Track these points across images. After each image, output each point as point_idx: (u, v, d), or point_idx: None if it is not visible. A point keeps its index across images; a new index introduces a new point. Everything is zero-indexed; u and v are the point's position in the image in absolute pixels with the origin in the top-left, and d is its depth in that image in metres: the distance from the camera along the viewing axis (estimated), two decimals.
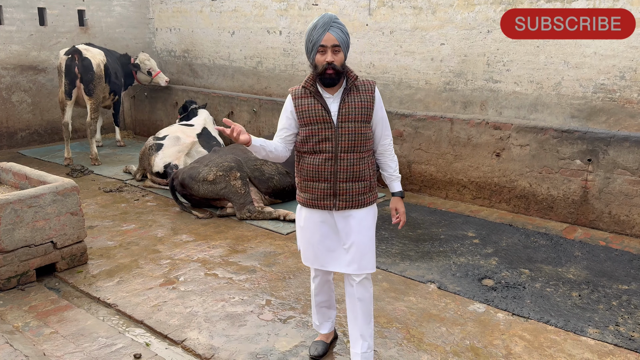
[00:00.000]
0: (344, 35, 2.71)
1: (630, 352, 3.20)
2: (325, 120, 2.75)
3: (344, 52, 2.72)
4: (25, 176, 4.49)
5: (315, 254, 2.92)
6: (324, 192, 2.80)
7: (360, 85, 2.80)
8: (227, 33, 8.46)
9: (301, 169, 2.87)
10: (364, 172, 2.81)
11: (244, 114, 7.97)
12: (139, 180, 6.69)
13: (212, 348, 3.22)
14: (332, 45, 2.66)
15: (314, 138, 2.77)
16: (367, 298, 2.94)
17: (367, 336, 2.97)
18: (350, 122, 2.75)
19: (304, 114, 2.78)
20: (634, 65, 4.94)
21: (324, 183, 2.79)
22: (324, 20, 2.67)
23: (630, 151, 4.88)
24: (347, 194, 2.79)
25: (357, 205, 2.82)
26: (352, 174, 2.78)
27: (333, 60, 2.66)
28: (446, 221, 5.36)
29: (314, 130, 2.76)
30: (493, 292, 3.91)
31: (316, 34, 2.67)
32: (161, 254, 4.57)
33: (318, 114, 2.75)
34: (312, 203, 2.85)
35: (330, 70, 2.68)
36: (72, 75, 7.18)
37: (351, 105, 2.75)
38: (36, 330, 3.38)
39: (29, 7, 8.16)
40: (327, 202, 2.81)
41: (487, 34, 5.73)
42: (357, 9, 6.74)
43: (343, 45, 2.70)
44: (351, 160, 2.77)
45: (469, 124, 5.80)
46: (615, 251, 4.65)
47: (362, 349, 2.96)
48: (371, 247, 2.89)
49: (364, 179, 2.81)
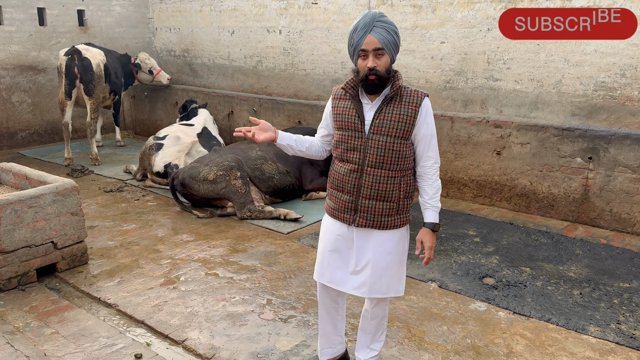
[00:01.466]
0: (389, 36, 2.42)
1: (631, 350, 3.19)
2: (356, 128, 2.53)
3: (389, 54, 2.45)
4: (25, 176, 4.48)
5: (323, 267, 2.72)
6: (345, 204, 2.59)
7: (405, 95, 2.50)
8: (227, 32, 8.45)
9: (331, 174, 2.70)
10: (391, 192, 2.53)
11: (244, 113, 7.96)
12: (139, 180, 6.69)
13: (213, 348, 3.21)
14: (373, 48, 2.40)
15: (343, 145, 2.58)
16: (381, 318, 2.82)
17: (376, 348, 2.89)
18: (382, 135, 2.48)
19: (338, 116, 2.60)
20: (634, 62, 4.93)
21: (346, 195, 2.59)
22: (365, 20, 2.41)
23: (631, 149, 4.88)
24: (369, 212, 2.55)
25: (379, 226, 2.57)
26: (376, 192, 2.53)
27: (375, 65, 2.41)
28: (447, 220, 5.35)
29: (345, 136, 2.57)
30: (494, 290, 3.91)
31: (357, 37, 2.43)
32: (162, 254, 4.57)
33: (351, 120, 2.54)
34: (333, 213, 2.67)
35: (372, 76, 2.43)
36: (72, 76, 7.17)
37: (387, 117, 2.48)
38: (37, 331, 3.38)
39: (29, 7, 8.16)
40: (347, 216, 2.60)
41: (487, 32, 5.72)
42: (357, 7, 6.73)
43: (388, 47, 2.43)
44: (377, 177, 2.52)
45: (470, 123, 5.79)
46: (616, 249, 4.64)
47: (367, 356, 2.90)
48: (391, 273, 2.63)
49: (391, 200, 2.54)
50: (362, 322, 2.89)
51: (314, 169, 6.08)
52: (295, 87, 7.72)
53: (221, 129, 8.13)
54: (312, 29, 7.30)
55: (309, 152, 2.75)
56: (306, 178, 6.01)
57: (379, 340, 2.89)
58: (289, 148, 2.71)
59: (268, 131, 2.61)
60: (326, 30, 7.15)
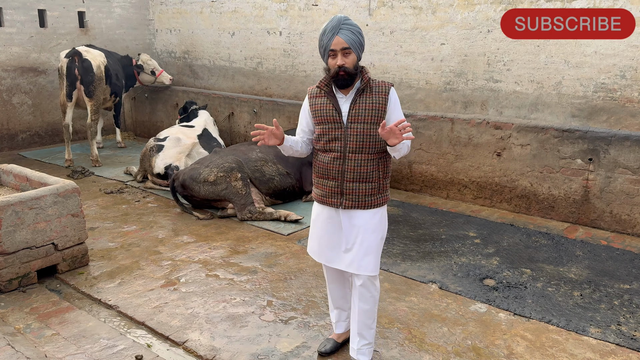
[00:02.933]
0: (354, 36, 2.72)
1: (632, 351, 3.19)
2: (335, 120, 2.81)
3: (355, 52, 2.74)
4: (26, 178, 4.49)
5: (320, 248, 3.00)
6: (332, 189, 2.87)
7: (374, 86, 2.81)
8: (227, 34, 8.46)
9: (315, 165, 2.97)
10: (372, 173, 2.82)
11: (245, 115, 7.97)
12: (140, 182, 6.69)
13: (213, 349, 3.21)
14: (341, 48, 2.70)
15: (325, 137, 2.85)
16: (368, 300, 2.95)
17: (365, 335, 3.01)
18: (359, 123, 2.78)
19: (317, 112, 2.87)
20: (634, 64, 4.93)
21: (332, 181, 2.86)
22: (332, 24, 2.71)
23: (631, 150, 4.88)
24: (354, 193, 2.83)
25: (363, 206, 2.84)
26: (359, 175, 2.81)
27: (344, 63, 2.71)
28: (447, 221, 5.36)
29: (325, 129, 2.84)
30: (494, 292, 3.91)
31: (325, 39, 2.72)
32: (162, 255, 4.57)
33: (329, 113, 2.82)
34: (321, 199, 2.94)
35: (342, 72, 2.72)
36: (72, 77, 7.18)
37: (361, 107, 2.78)
38: (38, 332, 3.38)
39: (29, 9, 8.17)
40: (334, 200, 2.88)
41: (487, 33, 5.73)
42: (357, 9, 6.74)
43: (354, 46, 2.72)
44: (359, 161, 2.80)
45: (470, 124, 5.80)
46: (616, 250, 4.64)
47: (358, 345, 3.02)
48: (374, 250, 2.88)
49: (372, 181, 2.83)
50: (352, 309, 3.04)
51: None
52: (295, 88, 7.73)
53: (222, 130, 8.14)
54: (312, 30, 7.31)
55: (301, 151, 2.98)
56: (306, 179, 6.01)
57: (369, 327, 2.99)
58: (289, 149, 2.93)
59: (279, 137, 2.82)
60: None
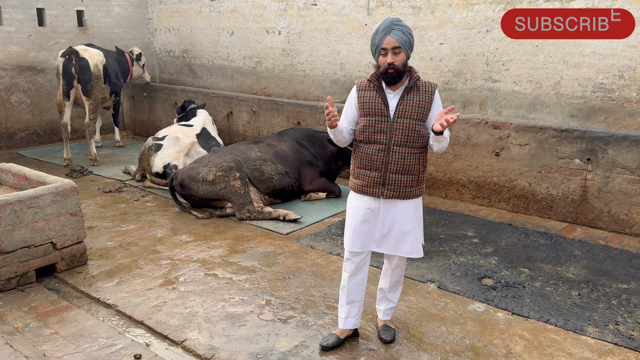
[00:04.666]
0: (405, 37, 2.87)
1: (630, 351, 3.20)
2: (383, 113, 2.96)
3: (405, 52, 2.89)
4: (24, 177, 4.48)
5: (355, 235, 3.09)
6: (374, 180, 3.01)
7: (421, 86, 2.97)
8: (226, 33, 8.46)
9: (356, 156, 3.09)
10: (413, 166, 2.98)
11: (243, 114, 7.97)
12: (139, 181, 6.69)
13: (212, 348, 3.22)
14: (392, 47, 2.85)
15: (371, 129, 2.98)
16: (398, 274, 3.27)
17: (393, 299, 3.36)
18: (405, 118, 2.93)
19: (364, 105, 3.00)
20: (632, 64, 4.94)
21: (375, 172, 3.00)
22: (385, 24, 2.86)
23: (630, 150, 4.89)
24: (395, 184, 2.98)
25: (403, 196, 3.01)
26: (402, 167, 2.97)
27: (393, 61, 2.86)
28: (446, 221, 5.36)
29: (372, 121, 2.98)
30: (493, 291, 3.92)
31: (378, 38, 2.88)
32: (161, 255, 4.57)
33: (377, 106, 2.96)
34: (362, 189, 3.05)
35: (391, 70, 2.88)
36: (70, 76, 7.16)
37: (409, 104, 2.93)
38: (36, 331, 3.38)
39: (28, 7, 8.16)
40: (375, 190, 3.01)
41: (486, 33, 5.73)
42: (356, 8, 6.74)
43: (404, 46, 2.88)
44: (402, 154, 2.95)
45: (469, 124, 5.80)
46: (614, 250, 4.65)
47: (386, 307, 3.38)
48: (413, 235, 3.06)
49: (413, 173, 2.99)
50: (381, 280, 3.36)
51: (313, 170, 6.08)
52: (294, 88, 7.73)
53: (220, 129, 8.13)
54: (311, 30, 7.31)
55: (346, 138, 3.08)
56: (305, 179, 6.01)
57: (395, 292, 3.35)
58: (339, 133, 3.02)
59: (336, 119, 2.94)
60: (325, 31, 7.16)
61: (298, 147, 6.11)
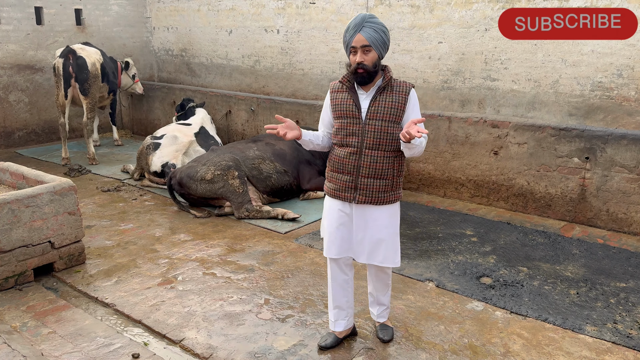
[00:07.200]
0: (376, 34, 2.75)
1: (628, 349, 3.20)
2: (354, 115, 2.87)
3: (376, 51, 2.77)
4: (22, 176, 4.47)
5: (332, 241, 3.02)
6: (346, 184, 2.92)
7: (395, 86, 2.86)
8: (225, 32, 8.45)
9: (330, 159, 3.02)
10: (387, 170, 2.88)
11: (242, 113, 7.96)
12: (137, 180, 6.68)
13: (210, 347, 3.21)
14: (361, 45, 2.74)
15: (343, 131, 2.90)
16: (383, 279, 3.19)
17: (384, 301, 3.29)
18: (377, 120, 2.83)
19: (337, 107, 2.93)
20: (631, 63, 4.94)
21: (346, 175, 2.91)
22: (355, 21, 2.76)
23: (628, 149, 4.89)
24: (367, 189, 2.88)
25: (376, 201, 2.90)
26: (374, 171, 2.86)
27: (363, 60, 2.76)
28: (444, 219, 5.36)
29: (344, 123, 2.90)
30: (491, 290, 3.92)
31: (348, 36, 2.79)
32: (159, 254, 4.56)
33: (349, 108, 2.88)
34: (334, 193, 2.98)
35: (360, 69, 2.78)
36: (67, 75, 7.15)
37: (381, 104, 2.83)
38: (34, 330, 3.37)
39: (26, 6, 8.14)
40: (347, 194, 2.93)
41: (484, 32, 5.73)
42: (355, 7, 6.74)
43: (375, 44, 2.75)
44: (374, 157, 2.85)
45: (467, 122, 5.80)
46: (613, 249, 4.65)
47: (379, 311, 3.32)
48: (387, 244, 2.96)
49: (386, 178, 2.89)
50: (368, 285, 3.32)
51: (311, 169, 6.08)
52: (293, 86, 7.72)
53: (219, 128, 8.12)
54: (310, 28, 7.30)
55: (322, 144, 3.03)
56: (304, 177, 6.01)
57: (385, 295, 3.28)
58: (309, 143, 2.98)
59: (294, 130, 2.88)
60: (324, 30, 7.15)
61: (296, 146, 6.10)
